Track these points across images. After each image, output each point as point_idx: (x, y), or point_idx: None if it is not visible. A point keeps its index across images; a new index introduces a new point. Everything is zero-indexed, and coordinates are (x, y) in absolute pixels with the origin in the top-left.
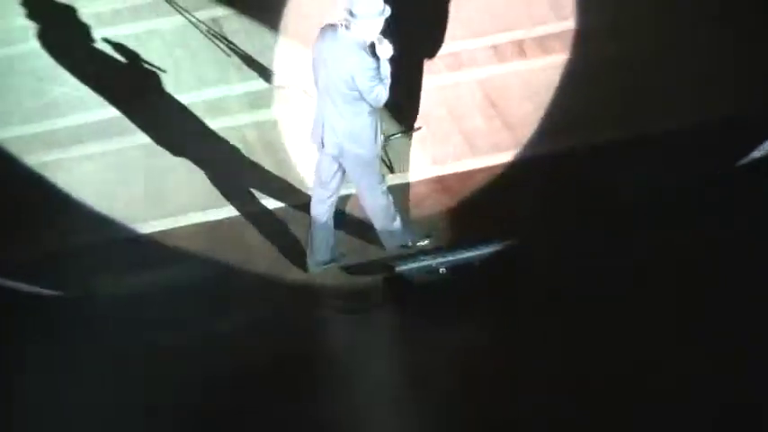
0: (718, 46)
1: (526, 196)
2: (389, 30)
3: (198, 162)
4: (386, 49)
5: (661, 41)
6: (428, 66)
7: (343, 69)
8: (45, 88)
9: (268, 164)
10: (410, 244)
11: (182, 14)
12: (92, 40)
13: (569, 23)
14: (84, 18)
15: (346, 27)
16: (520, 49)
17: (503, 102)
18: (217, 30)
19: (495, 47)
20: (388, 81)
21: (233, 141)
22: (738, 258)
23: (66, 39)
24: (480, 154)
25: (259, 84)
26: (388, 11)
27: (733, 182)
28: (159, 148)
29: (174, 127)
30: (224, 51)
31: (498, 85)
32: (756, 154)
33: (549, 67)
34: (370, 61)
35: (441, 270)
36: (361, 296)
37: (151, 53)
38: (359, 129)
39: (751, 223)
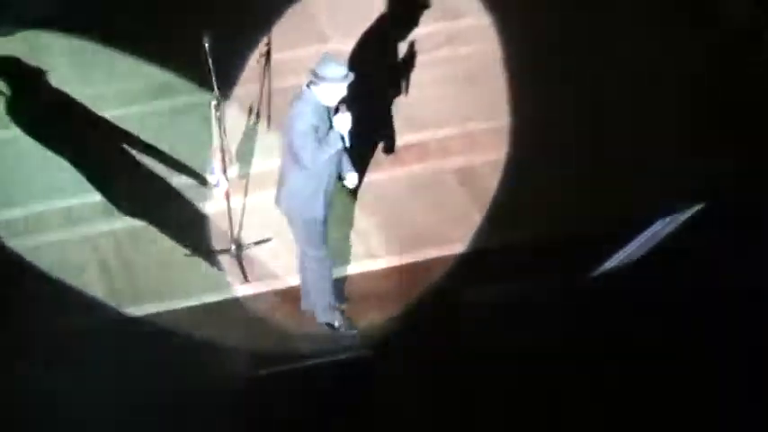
0: (559, 163)
1: (375, 306)
2: (355, 98)
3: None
4: (343, 121)
5: (506, 154)
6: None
7: (287, 123)
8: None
9: (124, 273)
10: (336, 325)
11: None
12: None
13: (422, 135)
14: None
15: (307, 86)
16: (374, 160)
17: (354, 212)
18: None
19: None
20: (327, 149)
21: (85, 251)
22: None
23: (48, 125)
24: None
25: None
26: (351, 77)
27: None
28: None
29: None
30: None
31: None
32: (607, 265)
33: (401, 179)
34: (308, 119)
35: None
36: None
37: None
38: (299, 187)
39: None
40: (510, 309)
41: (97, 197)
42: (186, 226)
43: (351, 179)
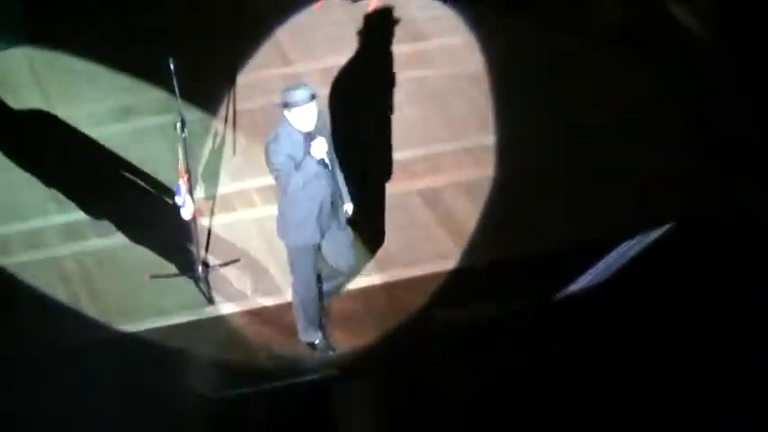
0: (525, 184)
1: (341, 327)
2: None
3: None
4: (317, 148)
5: (471, 175)
6: (244, 198)
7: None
8: None
9: (89, 295)
10: (316, 344)
11: None
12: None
13: (387, 156)
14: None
15: (284, 116)
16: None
17: None
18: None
19: None
20: (301, 176)
21: (50, 274)
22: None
23: (12, 147)
24: None
25: (78, 214)
26: (316, 95)
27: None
28: None
29: None
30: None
31: None
32: (574, 287)
33: (367, 199)
34: (280, 149)
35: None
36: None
37: None
38: (287, 213)
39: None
40: (475, 330)
41: (61, 219)
42: (152, 247)
43: (347, 209)
